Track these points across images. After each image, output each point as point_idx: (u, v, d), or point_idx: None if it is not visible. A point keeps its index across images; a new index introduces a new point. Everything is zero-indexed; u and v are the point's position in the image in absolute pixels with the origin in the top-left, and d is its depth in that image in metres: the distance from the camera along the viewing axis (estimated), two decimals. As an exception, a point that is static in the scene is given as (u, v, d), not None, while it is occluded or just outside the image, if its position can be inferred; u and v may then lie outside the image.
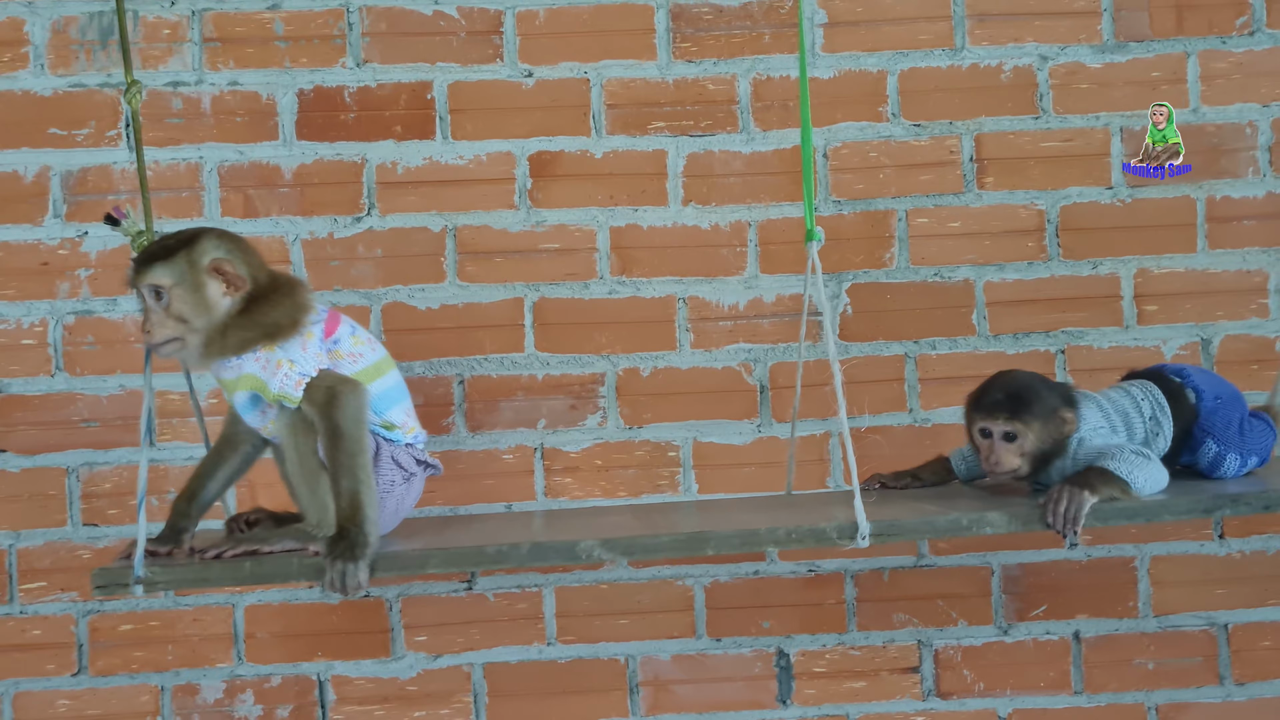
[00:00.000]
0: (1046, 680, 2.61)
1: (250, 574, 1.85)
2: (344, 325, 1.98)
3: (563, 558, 1.86)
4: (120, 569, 1.82)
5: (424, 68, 2.59)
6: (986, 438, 2.05)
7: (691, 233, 2.61)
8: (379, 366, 1.99)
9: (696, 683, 2.59)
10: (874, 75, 2.62)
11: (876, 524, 1.85)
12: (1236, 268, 2.62)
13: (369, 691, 2.57)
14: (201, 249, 1.90)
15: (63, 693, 2.55)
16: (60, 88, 2.56)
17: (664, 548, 1.86)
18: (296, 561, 1.85)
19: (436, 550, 1.87)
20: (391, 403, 1.99)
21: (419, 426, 2.05)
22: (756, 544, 1.88)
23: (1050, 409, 2.02)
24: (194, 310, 1.88)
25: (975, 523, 1.89)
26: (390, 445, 1.98)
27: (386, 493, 1.95)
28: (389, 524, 2.01)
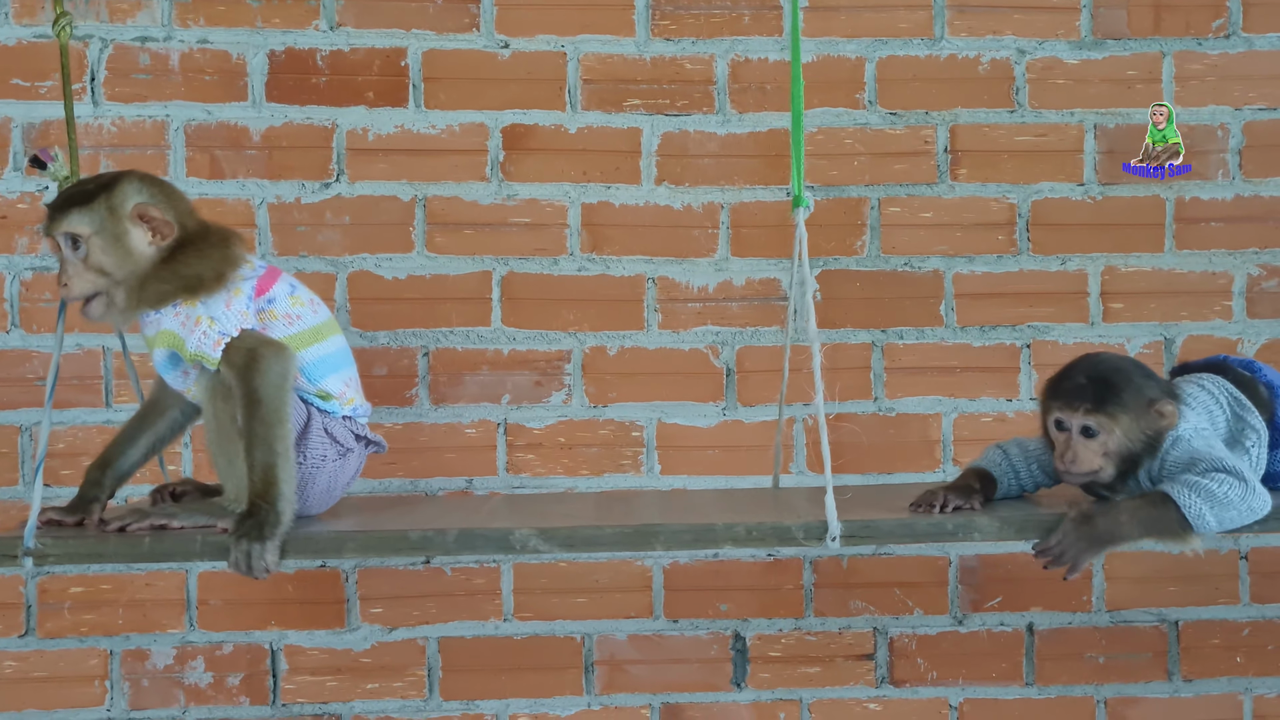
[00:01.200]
0: (999, 671, 2.63)
1: (149, 550, 1.73)
2: (281, 283, 1.84)
3: (495, 547, 1.72)
4: (10, 539, 1.71)
5: (399, 34, 2.56)
6: (1063, 430, 1.76)
7: (663, 212, 2.60)
8: (318, 331, 1.85)
9: (652, 663, 2.59)
10: (852, 61, 2.62)
11: (849, 524, 1.69)
12: (1202, 269, 2.64)
13: (322, 662, 2.55)
14: (123, 193, 1.76)
15: (9, 654, 2.51)
16: (25, 38, 2.50)
17: (607, 540, 1.72)
18: (200, 539, 1.72)
19: (355, 533, 1.74)
20: (329, 370, 1.86)
21: (361, 399, 1.93)
22: (711, 540, 1.72)
23: (1145, 400, 1.73)
24: (116, 261, 1.75)
25: (961, 528, 1.72)
26: (324, 416, 1.85)
27: (317, 468, 1.82)
28: (320, 503, 1.88)
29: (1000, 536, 1.73)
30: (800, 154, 1.91)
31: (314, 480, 1.83)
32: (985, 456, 1.94)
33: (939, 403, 2.62)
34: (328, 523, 1.84)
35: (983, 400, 2.62)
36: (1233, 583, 2.65)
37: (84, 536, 1.76)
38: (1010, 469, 1.90)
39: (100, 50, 2.51)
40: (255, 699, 2.55)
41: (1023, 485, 1.91)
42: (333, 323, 1.91)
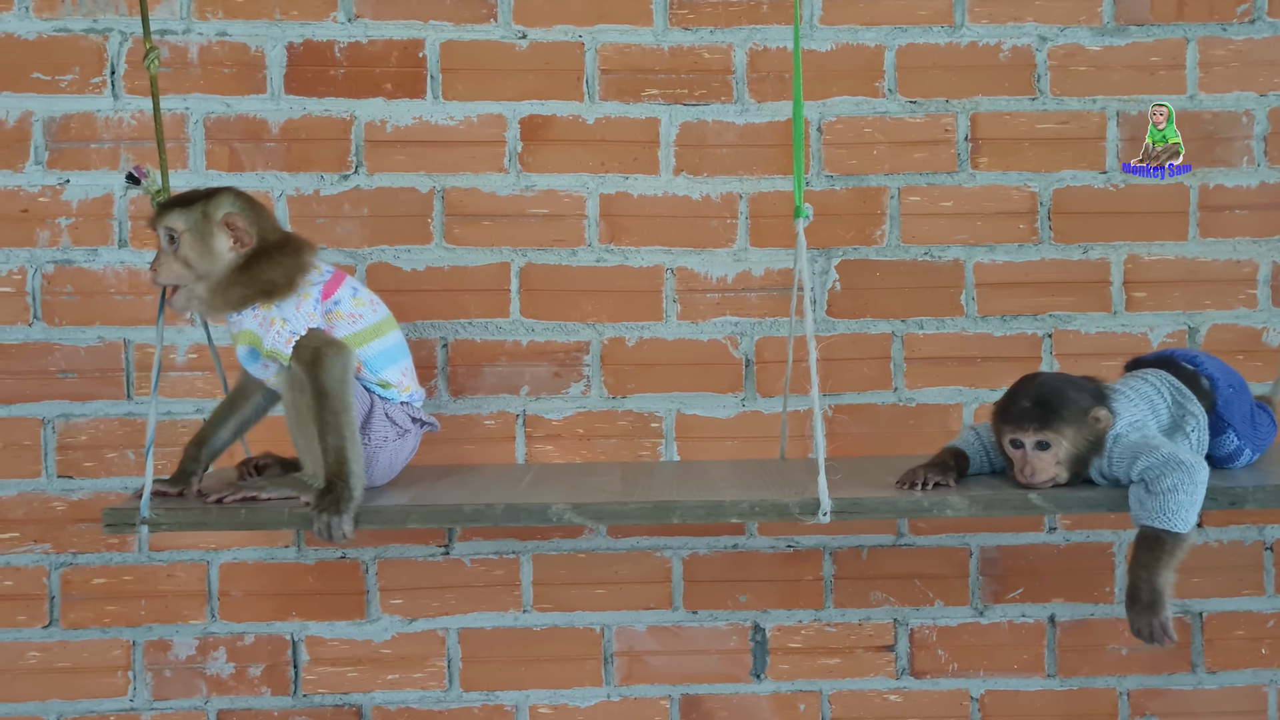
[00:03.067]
0: (1020, 663, 2.62)
1: (245, 520, 1.95)
2: (345, 287, 2.07)
3: (536, 519, 1.94)
4: (128, 509, 1.92)
5: (416, 25, 2.56)
6: (1019, 449, 2.00)
7: (682, 203, 2.59)
8: (378, 327, 2.08)
9: (671, 654, 2.59)
10: (871, 50, 2.60)
11: (838, 501, 1.90)
12: (1226, 257, 2.62)
13: (342, 653, 2.56)
14: (217, 203, 2.02)
15: (33, 644, 2.53)
16: (45, 32, 2.51)
17: (631, 514, 1.95)
18: (287, 510, 1.95)
19: (417, 507, 1.96)
20: (388, 362, 2.09)
21: (416, 385, 2.15)
22: (721, 515, 1.94)
23: (1082, 410, 1.97)
24: (199, 257, 1.99)
25: (936, 505, 1.93)
26: (384, 403, 2.08)
27: (379, 448, 2.06)
28: (383, 476, 2.11)
29: (970, 512, 1.95)
30: (801, 164, 1.99)
31: (377, 458, 2.06)
32: (961, 437, 2.17)
33: (959, 393, 2.60)
34: (393, 496, 2.05)
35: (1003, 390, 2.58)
36: (1257, 574, 2.62)
37: (189, 507, 1.97)
38: (982, 449, 2.13)
39: (120, 44, 2.51)
40: (276, 689, 2.56)
41: (992, 465, 2.14)
42: (391, 319, 2.13)
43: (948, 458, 2.09)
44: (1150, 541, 1.90)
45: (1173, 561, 1.90)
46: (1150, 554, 1.90)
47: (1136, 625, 1.92)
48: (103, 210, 2.52)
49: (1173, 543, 1.89)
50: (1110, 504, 1.97)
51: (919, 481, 1.99)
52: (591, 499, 1.99)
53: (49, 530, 2.52)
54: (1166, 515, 1.88)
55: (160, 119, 2.11)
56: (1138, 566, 1.91)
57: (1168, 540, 1.89)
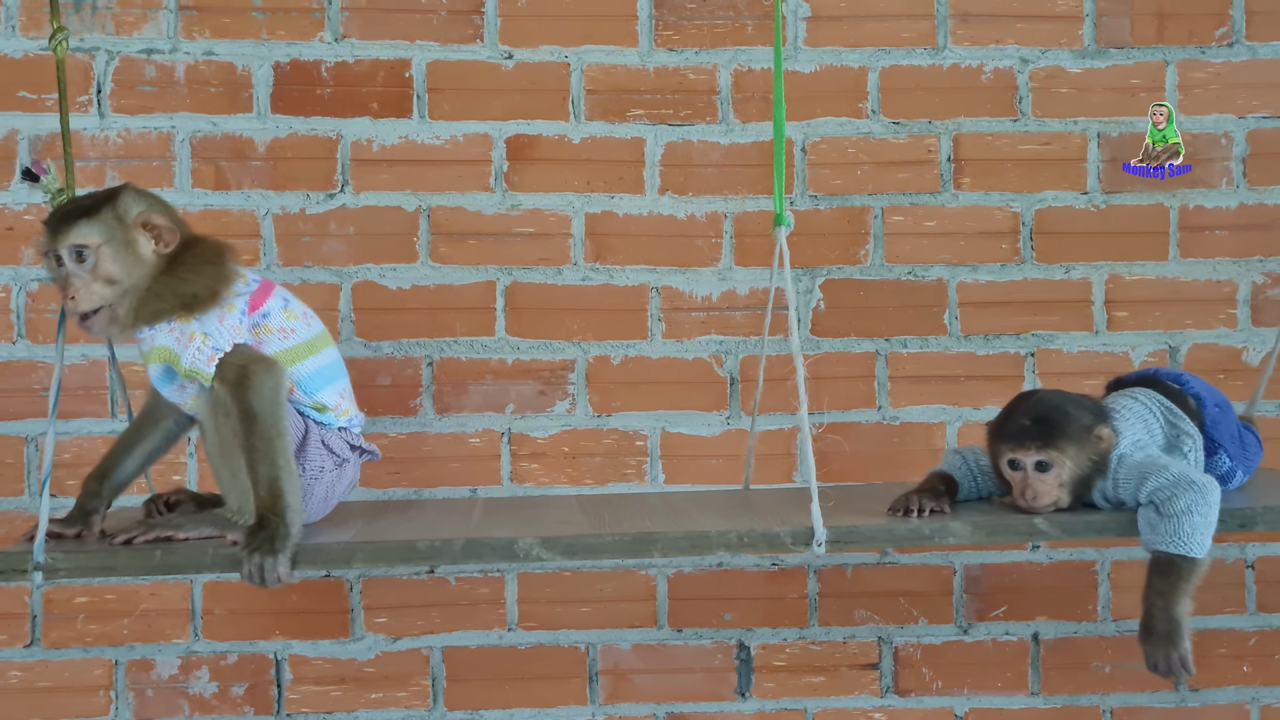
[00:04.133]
0: (1004, 680, 2.62)
1: (160, 563, 1.73)
2: (275, 298, 1.86)
3: (500, 556, 1.75)
4: (19, 553, 1.70)
5: (403, 45, 2.57)
6: (1017, 470, 1.87)
7: (667, 222, 2.60)
8: (312, 344, 1.87)
9: (656, 673, 2.59)
10: (855, 71, 2.62)
11: (834, 529, 1.76)
12: (1207, 277, 2.64)
13: (326, 672, 2.55)
14: (126, 203, 1.78)
15: (14, 664, 2.51)
16: (31, 50, 2.51)
17: (608, 548, 1.77)
18: (211, 552, 1.73)
19: (364, 544, 1.75)
20: (324, 383, 1.88)
21: (355, 409, 1.94)
22: (706, 547, 1.77)
23: (1084, 428, 1.86)
24: (125, 269, 1.75)
25: (938, 532, 1.81)
26: (321, 429, 1.87)
27: (315, 479, 1.84)
28: (318, 511, 1.90)
29: (973, 539, 1.83)
30: (782, 173, 1.89)
31: (312, 490, 1.84)
32: (946, 461, 2.04)
33: (943, 411, 2.61)
34: (335, 533, 1.85)
35: (987, 409, 2.60)
36: (1239, 592, 2.64)
37: (93, 550, 1.76)
38: (969, 473, 2.01)
39: (106, 63, 2.52)
40: (260, 709, 2.55)
41: (980, 490, 2.02)
42: (326, 335, 1.92)
43: (937, 483, 1.97)
44: (1164, 568, 1.79)
45: (1189, 588, 1.79)
46: (1165, 581, 1.79)
47: (1153, 658, 1.81)
48: (88, 228, 2.51)
49: (1188, 568, 1.78)
50: (1119, 529, 1.86)
51: (914, 508, 1.87)
52: (560, 532, 1.79)
53: (31, 549, 2.51)
54: (1181, 539, 1.77)
55: (66, 112, 1.93)
56: (1153, 594, 1.80)
57: (1183, 566, 1.78)
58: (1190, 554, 1.78)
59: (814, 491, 1.78)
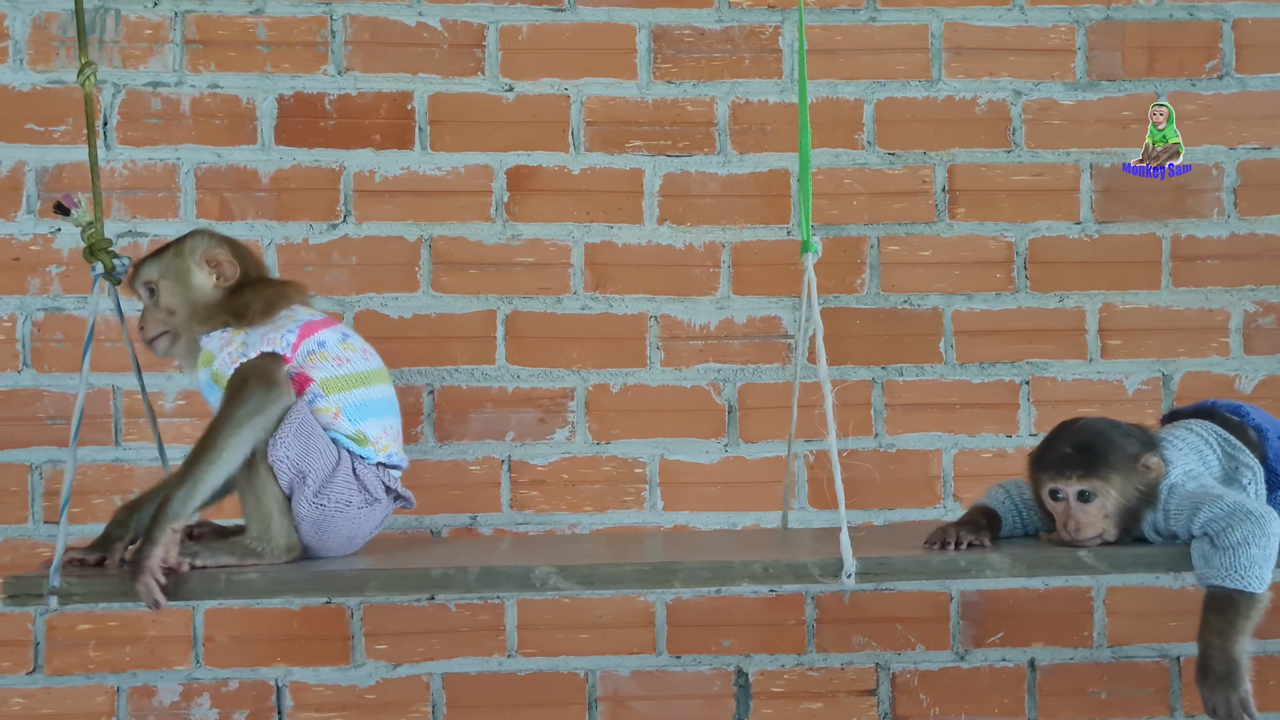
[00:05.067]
0: (1001, 707, 2.63)
1: (172, 590, 1.73)
2: (333, 331, 1.93)
3: (515, 585, 1.74)
4: (35, 577, 1.72)
5: (405, 78, 2.61)
6: (1059, 501, 1.79)
7: (665, 252, 2.63)
8: (365, 376, 1.91)
9: (655, 699, 2.60)
10: (851, 103, 2.66)
11: (864, 561, 1.70)
12: (1199, 306, 2.67)
13: (327, 698, 2.57)
14: (189, 244, 1.94)
15: (17, 691, 2.52)
16: (39, 84, 2.55)
17: (627, 578, 1.75)
18: (224, 578, 1.74)
19: (377, 571, 1.75)
20: (370, 414, 1.90)
21: (398, 449, 1.96)
22: (729, 578, 1.73)
23: (1130, 456, 1.78)
24: (181, 299, 1.91)
25: (975, 565, 1.74)
26: (356, 460, 1.88)
27: (338, 512, 1.84)
28: (340, 548, 1.89)
29: (1013, 573, 1.75)
30: (809, 202, 1.92)
31: (335, 524, 1.85)
32: (990, 496, 1.98)
33: (939, 439, 2.64)
34: (349, 561, 1.86)
35: (982, 436, 2.64)
36: None
37: (107, 576, 1.78)
38: (1013, 508, 1.95)
39: (113, 95, 2.56)
40: (261, 735, 2.56)
41: (1025, 526, 1.95)
42: (383, 372, 1.97)
43: (979, 516, 1.90)
44: (1221, 604, 1.68)
45: (1249, 626, 1.68)
46: (1222, 619, 1.68)
47: (1211, 702, 1.70)
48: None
49: (1247, 604, 1.67)
50: (1170, 563, 1.77)
51: (950, 541, 1.79)
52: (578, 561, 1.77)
53: (35, 576, 2.52)
54: (1238, 573, 1.67)
55: (95, 149, 1.98)
56: (1209, 634, 1.69)
57: (1241, 602, 1.67)
58: (1249, 589, 1.67)
59: (843, 522, 1.72)
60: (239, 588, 1.74)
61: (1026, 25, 2.67)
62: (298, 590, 1.81)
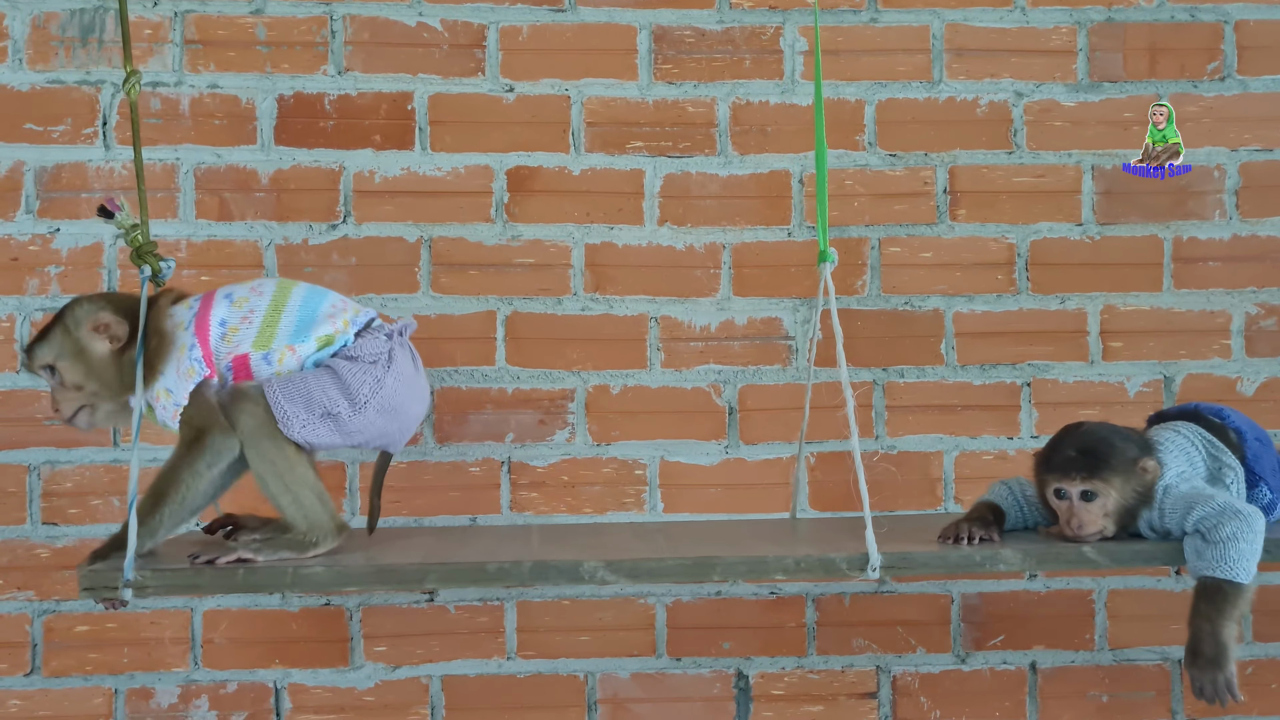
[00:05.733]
0: (1002, 710, 2.63)
1: (243, 582, 1.84)
2: (219, 303, 1.93)
3: (566, 578, 1.86)
4: (109, 571, 1.78)
5: (405, 78, 2.60)
6: (1063, 499, 1.93)
7: (666, 253, 2.63)
8: (276, 304, 1.93)
9: (655, 701, 2.59)
10: (852, 104, 2.65)
11: (888, 556, 1.82)
12: (1200, 308, 2.66)
13: (325, 700, 2.56)
14: (72, 318, 1.93)
15: (14, 693, 2.52)
16: (38, 83, 2.54)
17: (669, 571, 1.86)
18: (291, 571, 1.84)
19: (437, 565, 1.87)
20: (308, 324, 1.93)
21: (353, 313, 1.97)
22: (764, 571, 1.86)
23: (1130, 460, 1.92)
24: (83, 374, 1.91)
25: (989, 559, 1.86)
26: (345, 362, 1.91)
27: (374, 392, 1.90)
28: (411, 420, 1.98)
29: (1024, 568, 1.89)
30: (825, 212, 1.97)
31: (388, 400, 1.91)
32: (993, 492, 2.10)
33: (940, 440, 2.63)
34: (406, 555, 1.94)
35: (984, 438, 2.63)
36: (1235, 621, 2.64)
37: (179, 569, 1.85)
38: (1017, 504, 2.07)
39: (112, 95, 2.55)
40: (259, 738, 2.55)
41: (1026, 520, 2.07)
42: (283, 284, 1.98)
43: (985, 511, 2.02)
44: (1211, 592, 1.83)
45: (1235, 613, 1.83)
46: (1212, 605, 1.82)
47: (1199, 682, 1.83)
48: (92, 259, 2.54)
49: (1234, 593, 1.82)
50: (1166, 557, 1.92)
51: (964, 535, 1.92)
52: (623, 555, 1.87)
53: (32, 577, 2.52)
54: (1228, 564, 1.81)
55: (140, 152, 2.02)
56: (1199, 619, 1.83)
57: (1229, 591, 1.82)
58: (1236, 579, 1.82)
59: (868, 519, 1.83)
60: (306, 580, 1.84)
61: (1028, 26, 2.66)
62: (362, 583, 1.88)
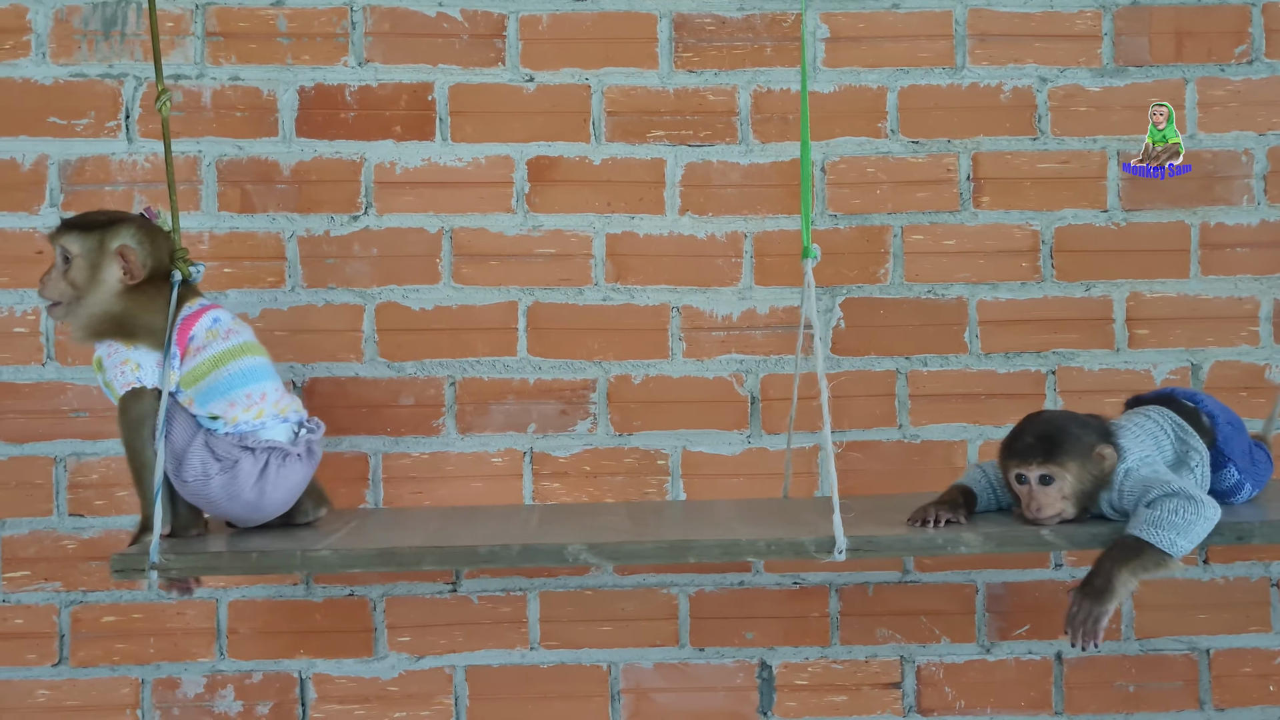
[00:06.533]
0: (1027, 700, 2.61)
1: (257, 564, 1.95)
2: (202, 321, 2.05)
3: (551, 560, 1.96)
4: (137, 555, 1.90)
5: (425, 69, 2.60)
6: (1024, 484, 2.00)
7: (687, 242, 2.62)
8: (220, 358, 2.04)
9: (678, 691, 2.59)
10: (874, 91, 2.63)
11: (853, 539, 1.89)
12: (1228, 294, 2.64)
13: (350, 690, 2.57)
14: (115, 233, 2.02)
15: (42, 683, 2.54)
16: (61, 77, 2.56)
17: (648, 554, 1.94)
18: (300, 552, 1.95)
19: (433, 548, 1.95)
20: (217, 395, 2.03)
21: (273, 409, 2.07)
22: (737, 554, 1.93)
23: (1086, 446, 1.98)
24: (86, 281, 2.01)
25: (951, 542, 1.93)
26: (207, 434, 2.03)
27: (204, 482, 2.01)
28: (245, 511, 2.07)
29: (984, 549, 1.96)
30: (809, 205, 2.00)
31: (207, 492, 2.02)
32: (967, 474, 2.18)
33: (964, 429, 2.62)
34: (406, 537, 2.04)
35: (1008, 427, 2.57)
36: (1264, 610, 2.62)
37: (202, 553, 1.96)
38: (989, 485, 2.14)
39: (134, 88, 2.56)
40: (284, 727, 2.57)
41: (999, 502, 2.14)
42: (237, 348, 2.07)
43: (956, 495, 2.10)
44: (1129, 545, 1.88)
45: (1141, 571, 1.86)
46: (1124, 553, 1.87)
47: (1073, 607, 1.89)
48: (116, 251, 2.55)
49: (1151, 557, 1.86)
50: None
51: (930, 519, 2.00)
52: (605, 539, 1.97)
53: (59, 568, 2.54)
54: (1156, 529, 1.86)
55: (171, 162, 2.11)
56: (1104, 558, 1.89)
57: (1147, 553, 1.86)
58: (1159, 544, 1.86)
59: (835, 503, 1.90)
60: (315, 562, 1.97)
61: (1052, 11, 2.64)
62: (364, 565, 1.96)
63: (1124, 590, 1.87)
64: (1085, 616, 1.87)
